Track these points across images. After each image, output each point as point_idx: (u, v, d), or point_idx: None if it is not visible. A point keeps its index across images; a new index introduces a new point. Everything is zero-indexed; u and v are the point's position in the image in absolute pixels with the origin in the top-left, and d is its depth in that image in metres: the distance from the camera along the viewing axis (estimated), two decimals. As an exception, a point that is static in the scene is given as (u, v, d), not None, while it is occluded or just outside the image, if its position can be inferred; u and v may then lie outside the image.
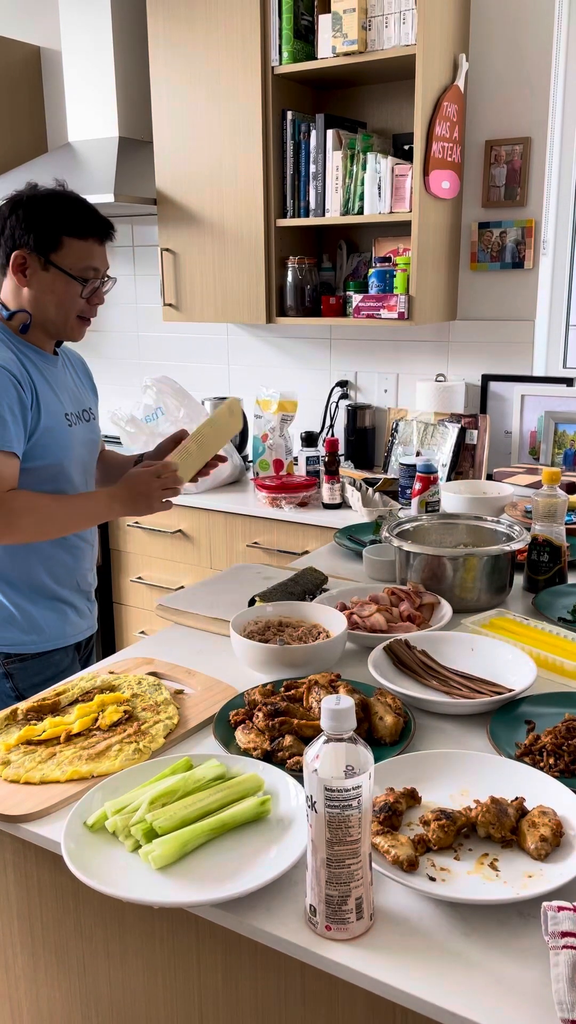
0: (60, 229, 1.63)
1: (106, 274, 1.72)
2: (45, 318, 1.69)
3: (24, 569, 1.72)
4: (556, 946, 0.80)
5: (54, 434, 1.68)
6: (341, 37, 2.52)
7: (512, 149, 2.72)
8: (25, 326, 1.69)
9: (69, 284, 1.65)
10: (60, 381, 1.76)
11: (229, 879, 0.92)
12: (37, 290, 1.66)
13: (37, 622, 1.74)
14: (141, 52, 3.11)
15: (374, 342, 3.09)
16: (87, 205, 1.69)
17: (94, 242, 1.67)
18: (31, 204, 1.64)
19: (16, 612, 1.72)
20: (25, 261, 1.64)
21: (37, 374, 1.69)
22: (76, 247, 1.65)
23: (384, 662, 1.39)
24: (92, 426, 1.86)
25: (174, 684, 1.40)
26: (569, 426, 2.75)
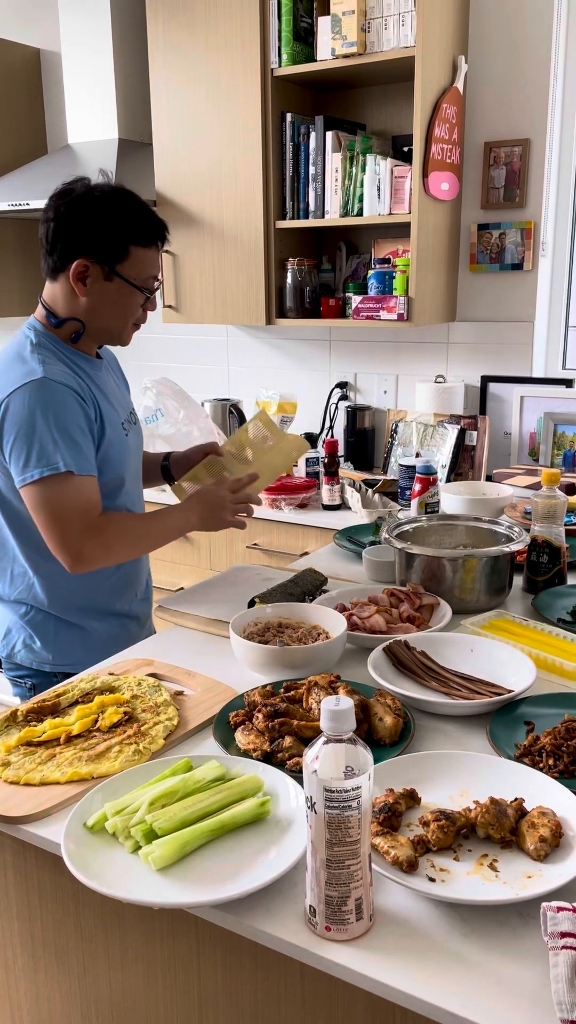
0: (127, 238, 1.54)
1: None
2: (100, 327, 1.61)
3: (89, 588, 1.67)
4: (555, 947, 0.80)
5: (116, 447, 1.63)
6: (340, 39, 2.53)
7: (511, 151, 2.73)
8: (77, 335, 1.61)
9: (132, 295, 1.58)
10: (108, 387, 1.69)
11: (229, 880, 0.93)
12: (96, 300, 1.57)
13: (103, 639, 1.70)
14: (141, 54, 3.11)
15: (373, 343, 3.10)
16: (147, 207, 1.59)
17: (156, 249, 1.60)
18: (93, 207, 1.53)
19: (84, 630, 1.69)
20: (87, 270, 1.54)
21: (93, 386, 1.61)
22: (141, 256, 1.57)
23: (384, 663, 1.39)
24: (138, 429, 1.80)
25: (174, 685, 1.41)
26: (568, 427, 2.75)
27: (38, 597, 1.66)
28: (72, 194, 1.55)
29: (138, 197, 1.59)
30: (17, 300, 3.68)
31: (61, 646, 1.68)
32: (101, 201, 1.54)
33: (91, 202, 1.54)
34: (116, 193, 1.57)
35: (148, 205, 1.60)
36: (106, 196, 1.55)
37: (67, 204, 1.54)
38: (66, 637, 1.68)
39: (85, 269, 1.54)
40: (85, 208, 1.53)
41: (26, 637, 1.69)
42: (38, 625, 1.68)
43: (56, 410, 1.49)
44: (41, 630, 1.68)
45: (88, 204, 1.53)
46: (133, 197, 1.58)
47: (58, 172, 3.19)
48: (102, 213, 1.53)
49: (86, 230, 1.52)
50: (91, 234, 1.52)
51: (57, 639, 1.68)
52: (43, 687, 1.66)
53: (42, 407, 1.48)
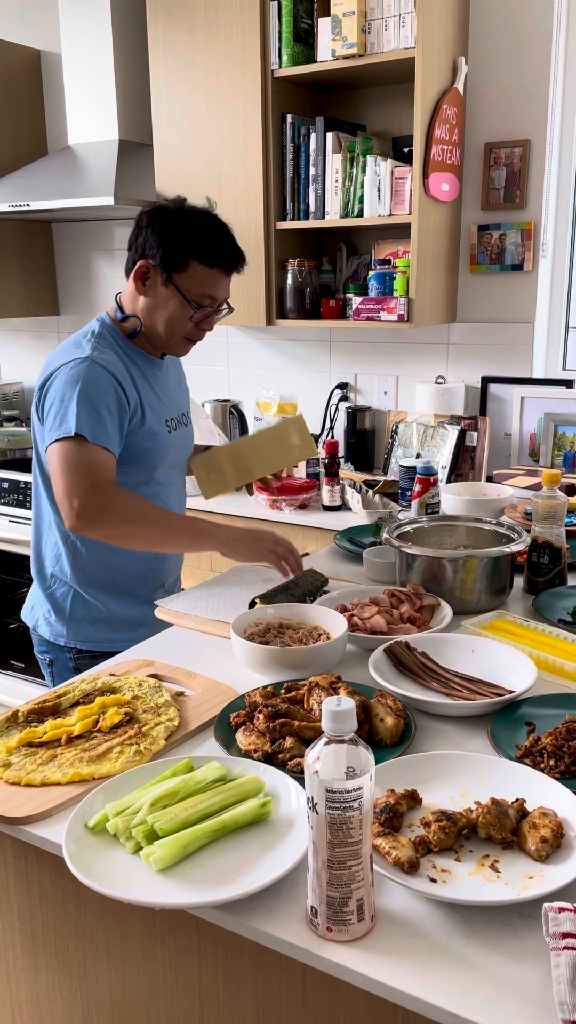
0: (190, 251, 1.64)
1: (223, 303, 1.73)
2: (153, 330, 1.72)
3: (114, 568, 1.76)
4: (557, 947, 0.80)
5: (156, 439, 1.72)
6: (341, 40, 2.53)
7: (511, 151, 2.73)
8: (135, 332, 1.72)
9: (183, 306, 1.67)
10: (164, 386, 1.79)
11: (230, 881, 0.92)
12: (152, 302, 1.68)
13: (119, 621, 1.78)
14: (141, 55, 3.11)
15: (374, 344, 3.10)
16: (224, 233, 1.69)
17: (220, 272, 1.68)
18: (170, 218, 1.65)
19: (101, 608, 1.77)
20: (148, 272, 1.66)
21: (142, 379, 1.71)
22: (200, 272, 1.65)
23: (384, 664, 1.39)
24: (188, 430, 1.89)
25: (175, 686, 1.41)
26: (569, 428, 2.75)
27: (64, 569, 1.77)
28: (163, 206, 1.69)
29: (220, 222, 1.70)
30: (17, 301, 3.68)
31: (75, 621, 1.77)
32: (180, 214, 1.66)
33: (172, 213, 1.67)
34: (198, 212, 1.69)
35: (230, 233, 1.70)
36: (186, 212, 1.68)
37: (154, 211, 1.67)
38: (81, 612, 1.77)
39: (147, 271, 1.66)
40: (165, 217, 1.66)
41: (46, 611, 1.80)
42: (57, 599, 1.79)
43: (88, 385, 1.58)
44: (59, 604, 1.79)
45: (169, 214, 1.66)
46: (214, 220, 1.69)
47: (58, 173, 3.20)
48: (176, 223, 1.65)
49: (156, 235, 1.64)
50: (159, 239, 1.64)
51: (72, 613, 1.77)
52: (59, 663, 1.80)
53: (76, 381, 1.58)
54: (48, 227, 3.77)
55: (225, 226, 1.70)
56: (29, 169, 3.33)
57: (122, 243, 3.61)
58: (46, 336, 3.93)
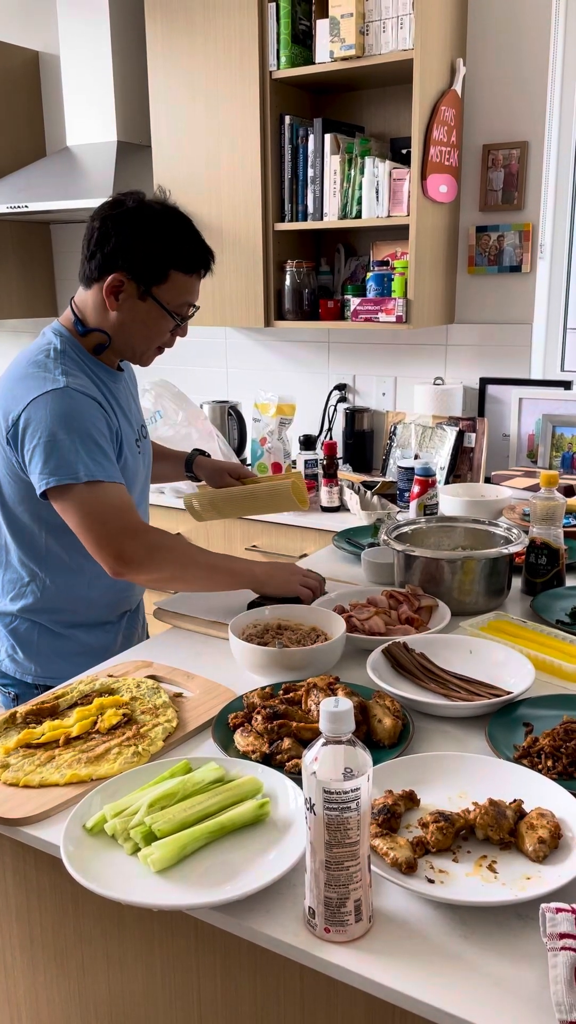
0: (169, 262, 1.51)
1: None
2: (124, 344, 1.59)
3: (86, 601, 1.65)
4: (554, 948, 0.80)
5: (128, 464, 1.61)
6: (339, 42, 2.53)
7: (509, 153, 2.73)
8: (101, 347, 1.58)
9: (163, 319, 1.55)
10: (125, 402, 1.67)
11: (228, 882, 0.93)
12: (126, 317, 1.54)
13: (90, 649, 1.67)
14: (139, 56, 3.12)
15: (372, 345, 3.10)
16: (195, 233, 1.55)
17: (197, 277, 1.56)
18: (141, 224, 1.50)
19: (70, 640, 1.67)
20: (122, 285, 1.51)
21: (111, 397, 1.60)
22: (181, 282, 1.53)
23: (383, 665, 1.39)
24: (147, 444, 1.78)
25: (173, 687, 1.41)
26: (567, 429, 2.76)
27: (29, 605, 1.64)
28: (123, 206, 1.52)
29: (189, 221, 1.56)
30: (16, 302, 3.68)
31: (44, 658, 1.66)
32: (151, 219, 1.51)
33: (141, 218, 1.50)
34: (168, 214, 1.54)
35: (197, 231, 1.56)
36: (156, 215, 1.52)
37: (116, 215, 1.51)
38: (50, 649, 1.66)
39: (120, 284, 1.52)
40: (133, 223, 1.50)
41: (8, 647, 1.67)
42: (21, 635, 1.66)
43: (77, 419, 1.46)
44: (24, 640, 1.66)
45: (137, 219, 1.50)
46: (184, 220, 1.55)
47: (57, 174, 3.20)
48: (149, 232, 1.50)
49: (129, 245, 1.49)
50: (134, 251, 1.49)
51: (40, 650, 1.66)
52: (25, 698, 1.64)
53: (65, 416, 1.45)
54: (47, 228, 3.77)
55: (191, 223, 1.56)
56: (28, 170, 3.33)
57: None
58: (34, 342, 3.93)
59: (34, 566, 1.62)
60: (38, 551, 1.60)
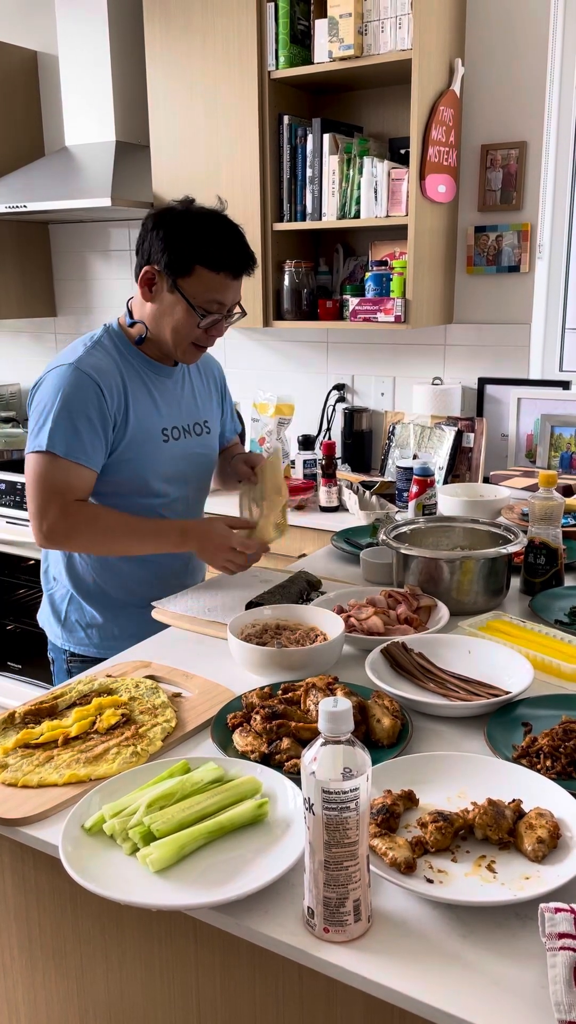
0: (195, 257, 1.58)
1: (234, 307, 1.68)
2: (160, 337, 1.68)
3: (101, 584, 1.76)
4: (553, 947, 0.80)
5: (142, 449, 1.67)
6: (337, 42, 2.53)
7: (508, 153, 2.73)
8: (141, 338, 1.69)
9: (189, 313, 1.62)
10: (170, 394, 1.75)
11: (227, 882, 0.93)
12: (158, 309, 1.65)
13: (118, 631, 1.77)
14: (138, 56, 3.11)
15: (371, 345, 3.10)
16: (232, 235, 1.62)
17: (227, 276, 1.61)
18: (176, 222, 1.60)
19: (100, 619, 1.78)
20: (154, 278, 1.62)
21: (141, 387, 1.68)
22: (206, 278, 1.60)
23: (381, 665, 1.39)
24: (203, 440, 1.84)
25: (172, 687, 1.41)
26: (565, 429, 2.76)
27: (62, 573, 1.79)
28: (169, 208, 1.63)
29: (230, 224, 1.63)
30: (14, 302, 3.68)
31: (70, 624, 1.80)
32: (186, 217, 1.60)
33: (177, 217, 1.61)
34: (205, 214, 1.62)
35: (239, 235, 1.63)
36: (192, 214, 1.61)
37: (160, 214, 1.62)
38: (75, 616, 1.79)
39: (153, 277, 1.62)
40: (170, 220, 1.60)
41: (48, 612, 1.84)
42: (56, 601, 1.82)
43: (69, 395, 1.57)
44: (56, 606, 1.82)
45: (174, 217, 1.61)
46: (222, 222, 1.63)
47: (55, 174, 3.20)
48: (181, 227, 1.59)
49: (161, 239, 1.59)
50: (164, 244, 1.59)
51: (67, 617, 1.80)
52: (57, 663, 1.85)
53: (58, 390, 1.57)
54: (45, 228, 3.77)
55: (234, 227, 1.64)
56: (26, 170, 3.33)
57: (119, 244, 3.61)
58: (43, 337, 3.93)
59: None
60: None
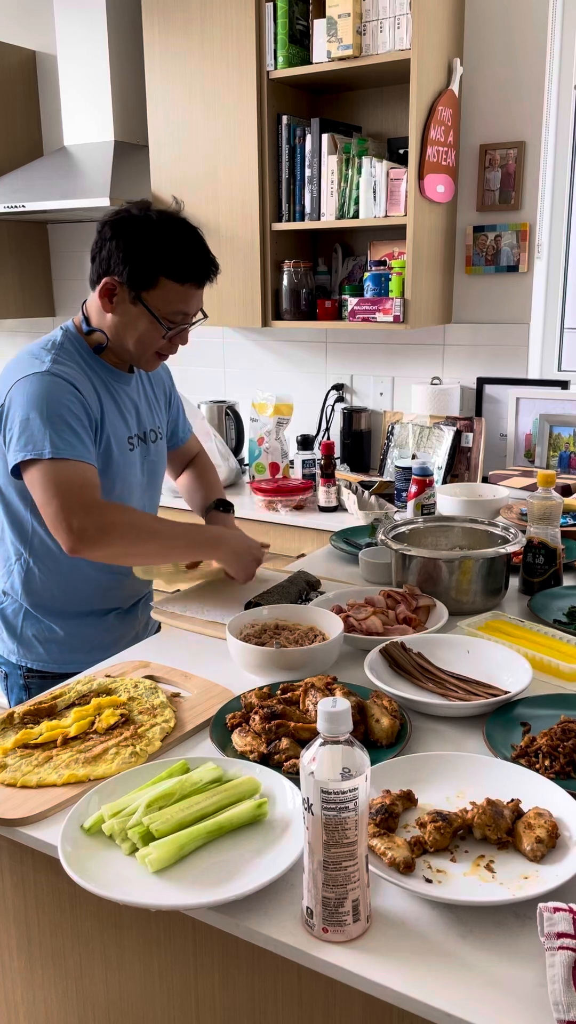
0: (159, 269, 1.52)
1: (196, 313, 1.62)
2: (121, 347, 1.62)
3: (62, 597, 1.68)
4: (552, 947, 0.80)
5: (113, 459, 1.63)
6: (336, 42, 2.53)
7: (506, 153, 2.73)
8: (100, 347, 1.63)
9: (153, 325, 1.57)
10: (130, 401, 1.70)
11: (226, 882, 0.93)
12: (120, 320, 1.58)
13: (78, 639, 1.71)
14: (136, 56, 3.12)
15: (370, 345, 3.10)
16: (195, 243, 1.56)
17: (191, 286, 1.56)
18: (136, 232, 1.53)
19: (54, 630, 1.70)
20: (114, 289, 1.55)
21: (106, 394, 1.63)
22: (171, 290, 1.54)
23: (380, 665, 1.39)
24: (157, 447, 1.79)
25: (171, 687, 1.41)
26: (564, 429, 2.76)
27: (15, 587, 1.69)
28: (127, 214, 1.56)
29: (191, 230, 1.57)
30: (13, 302, 3.68)
31: (25, 640, 1.71)
32: (146, 226, 1.53)
33: (137, 225, 1.53)
34: (166, 221, 1.55)
35: (200, 241, 1.57)
36: (152, 222, 1.54)
37: (117, 222, 1.54)
38: (32, 631, 1.70)
39: (114, 288, 1.56)
40: (130, 229, 1.53)
41: (1, 624, 1.72)
42: (7, 616, 1.71)
43: (52, 399, 1.50)
44: (9, 621, 1.71)
45: (134, 226, 1.53)
46: (184, 229, 1.56)
47: (54, 174, 3.20)
48: (142, 238, 1.52)
49: (122, 250, 1.52)
50: (125, 255, 1.52)
51: (22, 632, 1.71)
52: (12, 678, 1.74)
53: (39, 397, 1.50)
54: (44, 228, 3.77)
55: (195, 233, 1.57)
56: (25, 170, 3.33)
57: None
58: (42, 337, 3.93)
59: (20, 546, 1.66)
60: (24, 531, 1.64)
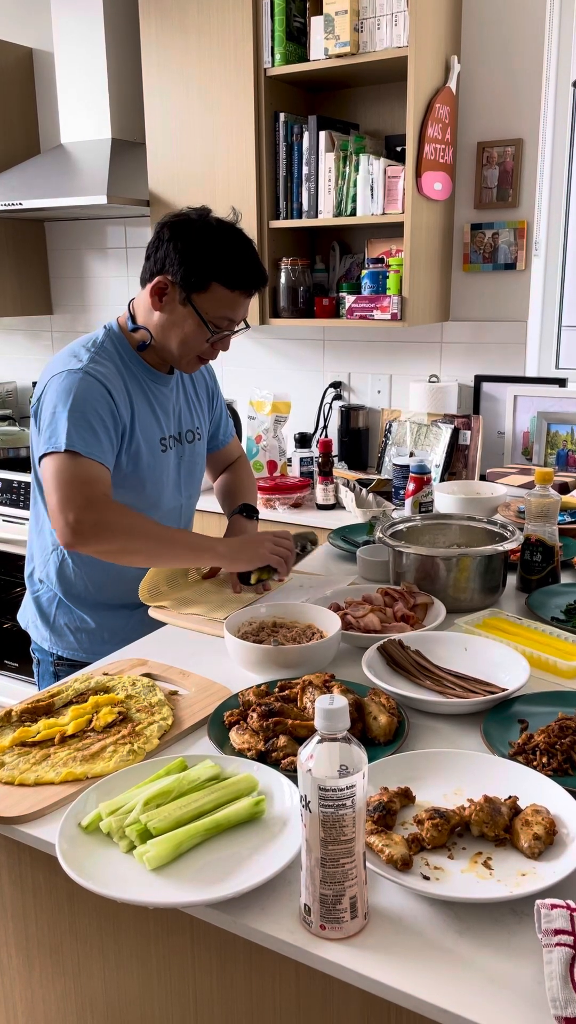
0: (212, 274, 1.57)
1: (241, 323, 1.66)
2: (164, 347, 1.65)
3: (93, 590, 1.73)
4: (549, 944, 0.80)
5: (143, 458, 1.66)
6: (333, 39, 2.53)
7: (504, 151, 2.73)
8: (143, 344, 1.66)
9: (200, 327, 1.61)
10: (167, 402, 1.73)
11: (224, 879, 0.93)
12: (167, 319, 1.62)
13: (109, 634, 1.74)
14: (133, 53, 3.11)
15: (367, 343, 3.10)
16: (248, 253, 1.61)
17: (241, 294, 1.61)
18: (194, 236, 1.57)
19: (86, 620, 1.75)
20: (166, 288, 1.59)
21: (140, 395, 1.66)
22: (221, 295, 1.59)
23: (378, 662, 1.39)
24: (194, 447, 1.81)
25: (168, 685, 1.41)
26: (562, 426, 2.76)
27: (50, 576, 1.75)
28: (186, 218, 1.61)
29: (246, 241, 1.62)
30: (10, 300, 3.67)
31: (58, 628, 1.77)
32: (204, 230, 1.58)
33: (196, 228, 1.58)
34: (223, 228, 1.60)
35: (254, 252, 1.62)
36: (210, 228, 1.59)
37: (177, 224, 1.59)
38: (63, 620, 1.76)
39: (165, 287, 1.60)
40: (188, 232, 1.58)
41: (33, 613, 1.81)
42: (42, 604, 1.78)
43: (80, 397, 1.54)
44: (44, 609, 1.78)
45: (192, 229, 1.58)
46: (240, 238, 1.61)
47: (51, 172, 3.20)
48: (200, 241, 1.57)
49: (179, 251, 1.57)
50: (182, 257, 1.57)
51: (55, 620, 1.77)
52: (43, 665, 1.81)
53: (68, 393, 1.54)
54: (41, 226, 3.76)
55: (249, 244, 1.62)
56: (22, 168, 3.32)
57: (115, 242, 3.61)
58: (39, 335, 3.93)
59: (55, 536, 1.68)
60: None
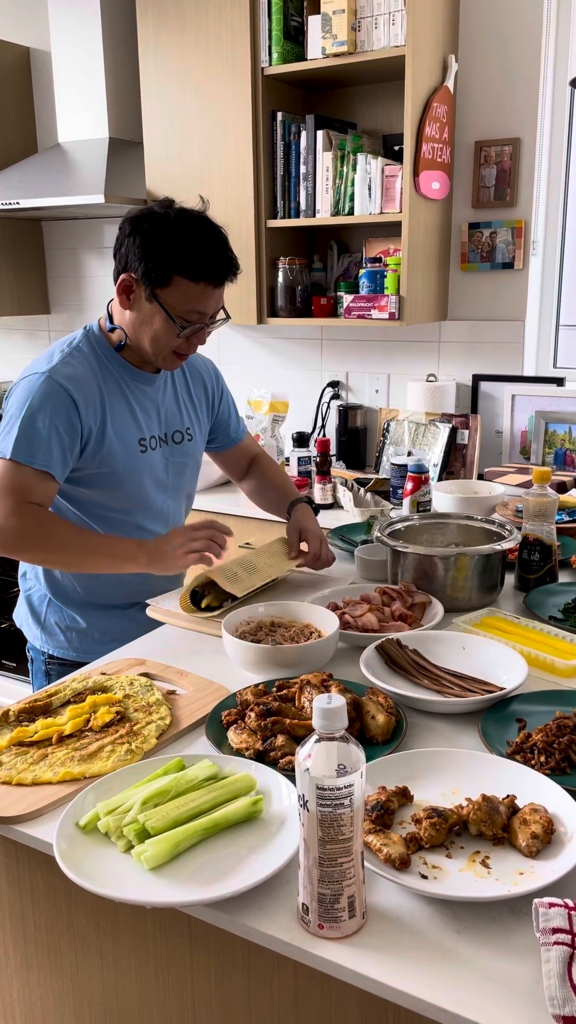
0: (173, 267, 1.52)
1: (216, 314, 1.61)
2: (139, 345, 1.63)
3: (81, 590, 1.73)
4: (547, 942, 0.80)
5: (119, 460, 1.63)
6: (331, 38, 2.53)
7: (501, 150, 2.73)
8: (120, 344, 1.65)
9: (168, 323, 1.57)
10: (149, 401, 1.70)
11: (222, 879, 0.93)
12: (137, 317, 1.59)
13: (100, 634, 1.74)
14: (131, 53, 3.11)
15: (365, 342, 3.10)
16: (213, 241, 1.55)
17: (207, 286, 1.55)
18: (153, 228, 1.53)
19: (76, 620, 1.75)
20: (131, 286, 1.57)
21: (118, 396, 1.63)
22: (185, 288, 1.53)
23: (376, 661, 1.39)
24: (184, 448, 1.77)
25: (166, 685, 1.40)
26: (559, 426, 2.76)
27: (39, 576, 1.76)
28: (148, 211, 1.56)
29: (211, 229, 1.56)
30: (7, 299, 3.67)
31: (48, 627, 1.78)
32: (163, 223, 1.53)
33: (155, 222, 1.53)
34: (184, 220, 1.54)
35: (220, 240, 1.56)
36: (170, 220, 1.53)
37: (136, 218, 1.55)
38: (54, 620, 1.77)
39: (130, 285, 1.57)
40: (147, 226, 1.53)
41: (26, 612, 1.81)
42: (34, 603, 1.79)
43: (35, 404, 1.53)
44: (35, 608, 1.79)
45: (151, 223, 1.53)
46: (202, 227, 1.55)
47: (48, 171, 3.19)
48: (158, 235, 1.52)
49: (138, 246, 1.53)
50: (141, 252, 1.53)
51: (45, 619, 1.78)
52: (36, 664, 1.82)
53: (27, 399, 1.54)
54: (38, 225, 3.76)
55: (216, 232, 1.56)
56: (19, 167, 3.32)
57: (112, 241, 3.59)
58: (37, 334, 3.92)
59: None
60: None
